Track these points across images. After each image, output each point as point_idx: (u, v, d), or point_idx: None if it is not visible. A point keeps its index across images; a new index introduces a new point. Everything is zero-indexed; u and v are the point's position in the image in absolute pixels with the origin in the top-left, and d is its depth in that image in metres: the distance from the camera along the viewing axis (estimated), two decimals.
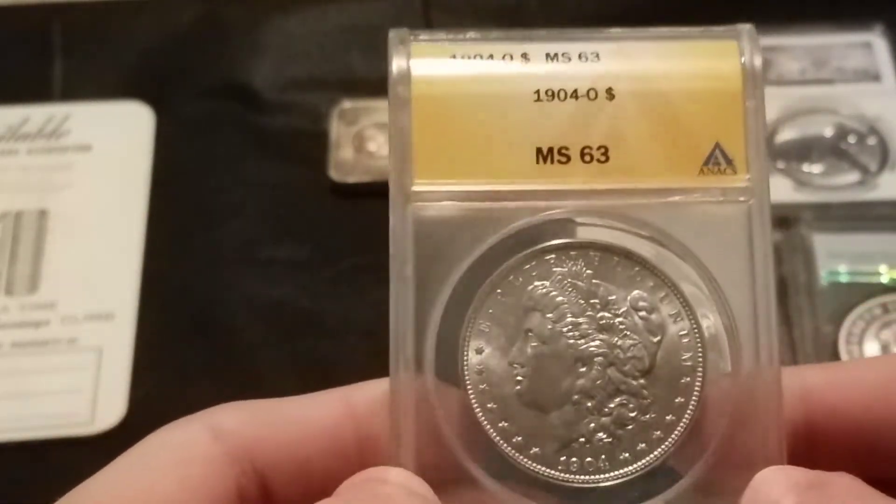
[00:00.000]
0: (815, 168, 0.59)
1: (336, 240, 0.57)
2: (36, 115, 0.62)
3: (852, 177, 0.58)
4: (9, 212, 0.58)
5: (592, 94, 0.27)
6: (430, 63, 0.27)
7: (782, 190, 0.58)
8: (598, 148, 0.26)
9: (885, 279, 0.55)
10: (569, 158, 0.26)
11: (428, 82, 0.27)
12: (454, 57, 0.27)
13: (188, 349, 0.54)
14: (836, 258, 0.55)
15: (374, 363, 0.58)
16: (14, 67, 0.64)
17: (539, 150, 0.26)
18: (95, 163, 0.60)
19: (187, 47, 0.64)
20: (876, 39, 0.63)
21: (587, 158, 0.26)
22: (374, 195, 0.59)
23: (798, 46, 0.63)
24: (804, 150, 0.60)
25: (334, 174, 0.59)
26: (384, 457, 0.26)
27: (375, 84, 0.63)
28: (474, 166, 0.26)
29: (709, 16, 0.65)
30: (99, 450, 0.52)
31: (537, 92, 0.27)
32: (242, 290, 0.56)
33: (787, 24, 0.64)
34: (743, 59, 0.27)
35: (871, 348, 0.52)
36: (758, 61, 0.27)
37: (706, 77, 0.27)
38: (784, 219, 0.56)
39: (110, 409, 0.53)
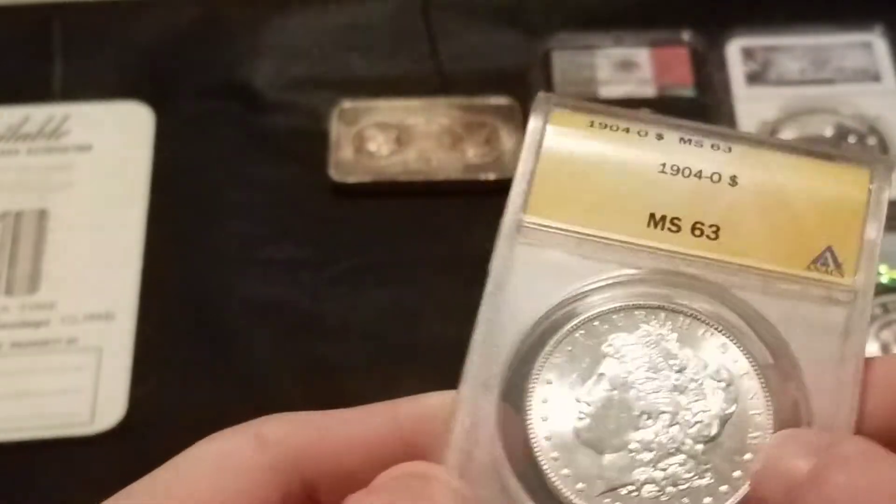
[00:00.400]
0: None
1: (336, 240, 0.57)
2: (36, 115, 0.62)
3: None
4: (9, 212, 0.58)
5: (716, 178, 0.28)
6: (567, 126, 0.28)
7: None
8: (711, 226, 0.27)
9: (885, 279, 0.55)
10: (679, 229, 0.27)
11: (562, 140, 0.28)
12: (592, 125, 0.29)
13: (188, 349, 0.54)
14: None
15: (373, 363, 0.58)
16: (14, 67, 0.64)
17: (652, 216, 0.27)
18: (95, 163, 0.60)
19: (187, 47, 0.64)
20: (876, 39, 0.63)
21: (697, 233, 0.27)
22: (374, 195, 0.59)
23: (798, 46, 0.63)
24: None
25: (334, 174, 0.59)
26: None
27: (375, 84, 0.64)
28: (587, 217, 0.28)
29: (709, 16, 0.66)
30: (99, 450, 0.52)
31: (663, 164, 0.28)
32: (242, 289, 0.56)
33: (788, 24, 0.64)
34: (871, 186, 0.28)
35: (871, 348, 0.52)
36: (886, 191, 0.28)
37: (832, 186, 0.28)
38: None
39: (110, 409, 0.53)
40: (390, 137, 0.61)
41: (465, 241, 0.57)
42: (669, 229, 0.27)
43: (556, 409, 0.26)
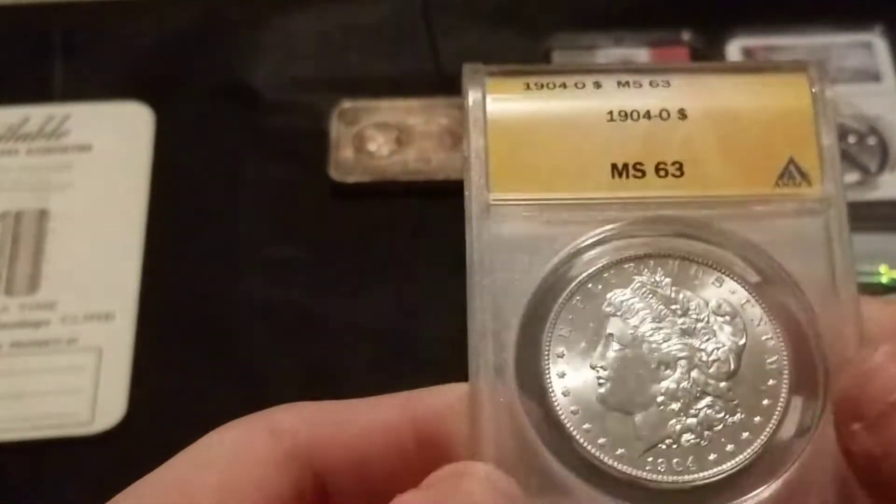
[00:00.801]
0: None
1: (336, 240, 0.57)
2: (36, 115, 0.62)
3: (852, 177, 0.58)
4: (9, 211, 0.58)
5: (665, 115, 0.27)
6: (504, 92, 0.28)
7: None
8: (673, 163, 0.27)
9: (885, 279, 0.55)
10: (644, 173, 0.27)
11: (503, 107, 0.28)
12: (528, 87, 0.28)
13: (188, 349, 0.54)
14: None
15: (373, 362, 0.58)
16: (14, 67, 0.64)
17: (614, 166, 0.27)
18: (95, 163, 0.60)
19: (187, 47, 0.64)
20: (876, 39, 0.63)
21: (662, 173, 0.27)
22: (374, 195, 0.59)
23: (798, 46, 0.63)
24: None
25: (334, 174, 0.59)
26: (463, 457, 0.26)
27: (375, 84, 0.64)
28: (550, 182, 0.27)
29: (709, 16, 0.66)
30: (99, 450, 0.52)
31: (610, 112, 0.28)
32: (242, 289, 0.56)
33: (788, 23, 0.64)
34: (813, 89, 0.28)
35: None
36: (828, 89, 0.28)
37: (777, 97, 0.28)
38: None
39: (110, 409, 0.53)
40: (390, 137, 0.61)
41: (465, 242, 0.57)
42: (634, 176, 0.27)
43: (575, 380, 0.26)
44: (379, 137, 0.61)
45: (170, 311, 0.55)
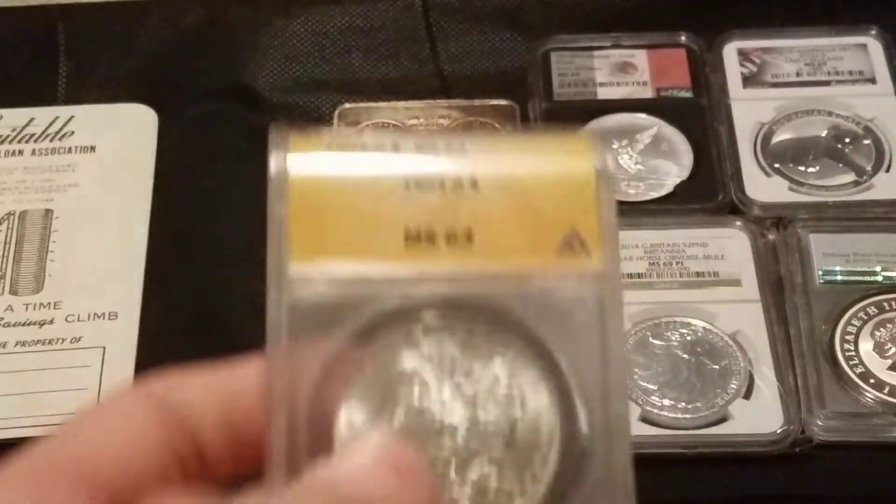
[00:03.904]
0: (811, 169, 0.59)
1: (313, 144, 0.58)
2: (41, 116, 0.62)
3: (847, 177, 0.59)
4: (14, 211, 0.58)
5: (458, 182, 0.28)
6: (306, 154, 0.28)
7: (778, 190, 0.58)
8: (463, 232, 0.27)
9: (879, 278, 0.55)
10: (434, 242, 0.27)
11: (303, 172, 0.28)
12: (329, 147, 0.28)
13: (191, 348, 0.54)
14: (832, 258, 0.55)
15: None
16: (20, 69, 0.64)
17: (408, 232, 0.27)
18: (99, 163, 0.60)
19: (190, 50, 0.65)
20: (871, 41, 0.64)
21: (451, 242, 0.27)
22: None
23: (794, 48, 0.64)
24: (800, 150, 0.60)
25: None
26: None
27: (376, 85, 0.64)
28: (347, 249, 0.27)
29: (706, 19, 0.66)
30: None
31: (407, 177, 0.28)
32: (244, 289, 0.56)
33: (784, 25, 0.65)
34: (593, 155, 0.28)
35: (866, 347, 0.52)
36: (607, 158, 0.28)
37: (563, 169, 0.28)
38: (780, 219, 0.57)
39: None
40: None
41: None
42: (426, 243, 0.27)
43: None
44: None
45: (173, 310, 0.55)
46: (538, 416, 0.27)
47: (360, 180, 0.28)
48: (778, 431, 0.50)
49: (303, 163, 0.28)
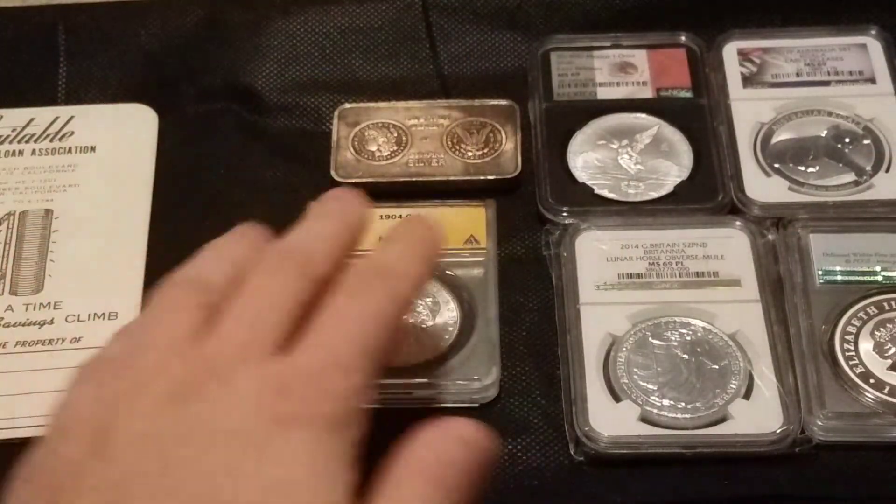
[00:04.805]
0: (811, 169, 0.59)
1: None
2: (41, 116, 0.62)
3: (847, 177, 0.59)
4: (14, 211, 0.58)
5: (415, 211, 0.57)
6: None
7: (778, 190, 0.58)
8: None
9: (879, 278, 0.55)
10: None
11: None
12: None
13: None
14: (832, 258, 0.55)
15: None
16: (20, 69, 0.64)
17: (380, 238, 0.47)
18: (100, 164, 0.61)
19: (190, 50, 0.65)
20: (871, 41, 0.64)
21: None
22: (375, 196, 0.60)
23: (794, 48, 0.64)
24: (800, 150, 0.60)
25: (336, 175, 0.60)
26: None
27: (376, 85, 0.64)
28: None
29: (706, 19, 0.66)
30: None
31: (381, 214, 0.58)
32: None
33: (783, 25, 0.65)
34: (488, 213, 0.58)
35: (866, 347, 0.52)
36: (491, 209, 0.58)
37: (470, 213, 0.58)
38: (780, 219, 0.57)
39: None
40: (391, 139, 0.61)
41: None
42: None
43: None
44: (380, 139, 0.61)
45: None
46: (448, 313, 0.54)
47: None
48: (778, 431, 0.50)
49: None
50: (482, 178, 0.59)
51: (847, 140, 0.60)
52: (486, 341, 0.53)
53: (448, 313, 0.54)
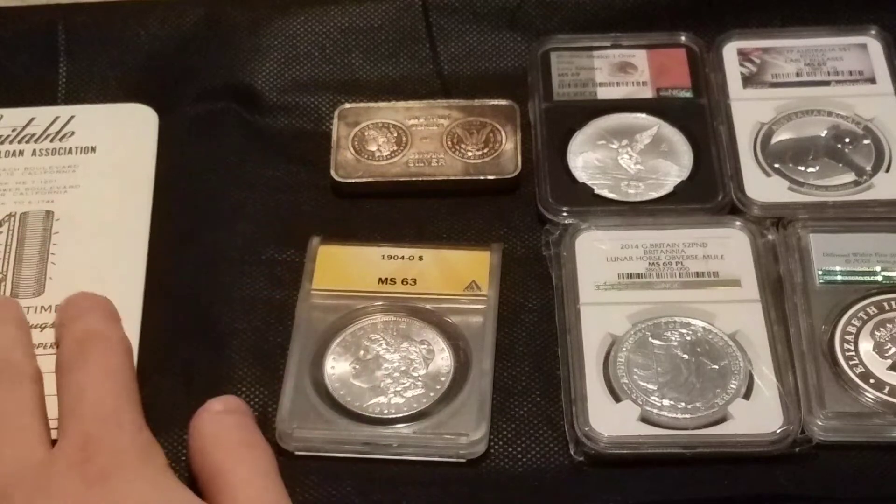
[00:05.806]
0: (811, 169, 0.59)
1: (338, 240, 0.58)
2: (41, 116, 0.62)
3: (847, 177, 0.59)
4: (14, 213, 0.58)
5: (411, 257, 0.56)
6: (332, 245, 0.58)
7: (778, 190, 0.58)
8: (411, 279, 0.55)
9: (879, 278, 0.55)
10: (395, 282, 0.55)
11: (327, 245, 0.58)
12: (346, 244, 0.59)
13: (192, 350, 0.54)
14: (832, 258, 0.55)
15: None
16: (20, 69, 0.64)
17: (380, 278, 0.55)
18: (100, 164, 0.60)
19: (190, 50, 0.65)
20: (871, 41, 0.64)
21: (403, 282, 0.55)
22: (375, 195, 0.60)
23: (794, 48, 0.64)
24: (800, 150, 0.60)
25: (335, 175, 0.60)
26: None
27: (376, 85, 0.64)
28: (345, 282, 0.56)
29: (706, 19, 0.66)
30: None
31: (383, 254, 0.56)
32: (245, 290, 0.56)
33: (783, 25, 0.65)
34: (490, 255, 0.56)
35: (866, 347, 0.52)
36: (497, 256, 0.56)
37: (473, 256, 0.56)
38: (780, 219, 0.57)
39: None
40: (391, 138, 0.61)
41: (465, 242, 0.58)
42: (390, 283, 0.55)
43: (339, 370, 0.53)
44: (380, 138, 0.61)
45: (174, 312, 0.55)
46: (442, 362, 0.53)
47: (357, 252, 0.57)
48: (777, 431, 0.50)
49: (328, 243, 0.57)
50: (482, 178, 0.60)
51: (847, 140, 0.60)
52: (477, 393, 0.51)
53: (442, 362, 0.52)
